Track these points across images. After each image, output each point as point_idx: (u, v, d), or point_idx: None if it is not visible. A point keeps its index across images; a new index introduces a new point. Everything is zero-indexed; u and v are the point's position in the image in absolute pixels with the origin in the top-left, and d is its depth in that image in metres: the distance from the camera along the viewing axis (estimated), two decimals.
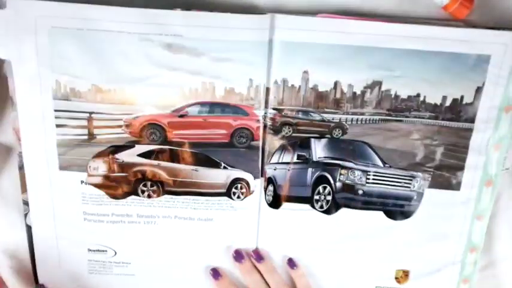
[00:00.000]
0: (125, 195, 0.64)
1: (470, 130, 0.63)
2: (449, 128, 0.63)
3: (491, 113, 0.62)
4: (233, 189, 0.65)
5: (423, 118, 0.63)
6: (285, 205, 0.65)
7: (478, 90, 0.61)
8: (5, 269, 0.67)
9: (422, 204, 0.66)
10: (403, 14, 0.60)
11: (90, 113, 0.61)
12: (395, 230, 0.67)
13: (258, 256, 0.66)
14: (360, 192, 0.65)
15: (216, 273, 0.67)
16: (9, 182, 0.65)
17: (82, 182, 0.63)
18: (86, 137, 0.62)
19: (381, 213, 0.66)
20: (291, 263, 0.67)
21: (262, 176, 0.64)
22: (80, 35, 0.57)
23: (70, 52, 0.58)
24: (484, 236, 0.68)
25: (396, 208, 0.66)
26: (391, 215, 0.66)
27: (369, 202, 0.66)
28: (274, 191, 0.65)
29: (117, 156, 0.63)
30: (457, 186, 0.65)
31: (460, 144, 0.64)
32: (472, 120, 0.63)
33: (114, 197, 0.64)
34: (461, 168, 0.65)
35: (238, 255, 0.66)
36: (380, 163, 0.65)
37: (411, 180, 0.65)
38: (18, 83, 0.59)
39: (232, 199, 0.65)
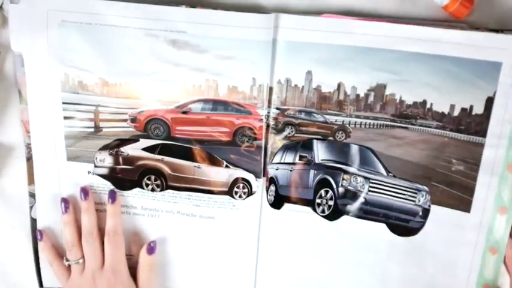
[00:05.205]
0: (131, 187, 0.66)
1: (481, 145, 0.59)
2: (457, 141, 0.59)
3: (505, 128, 0.58)
4: (235, 189, 0.65)
5: (430, 127, 0.60)
6: (287, 206, 0.65)
7: (489, 100, 0.57)
8: None
9: (429, 223, 0.62)
10: (403, 14, 0.59)
11: (97, 106, 0.62)
12: (398, 247, 0.63)
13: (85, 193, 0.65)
14: (362, 200, 0.62)
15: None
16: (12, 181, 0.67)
17: (89, 172, 0.65)
18: (92, 130, 0.64)
19: (384, 226, 0.63)
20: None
21: (264, 175, 0.64)
22: (89, 29, 0.59)
23: (79, 46, 0.60)
24: (499, 273, 0.62)
25: (400, 222, 0.63)
26: (394, 229, 0.63)
27: (370, 212, 0.63)
28: (276, 191, 0.65)
29: (122, 149, 0.64)
30: (466, 208, 0.61)
31: (470, 159, 0.60)
32: (483, 134, 0.59)
33: (121, 188, 0.66)
34: (472, 187, 0.60)
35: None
36: (383, 171, 0.63)
37: (416, 193, 0.62)
38: (29, 76, 0.61)
39: (234, 198, 0.65)
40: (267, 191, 0.64)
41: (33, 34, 0.60)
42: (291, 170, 0.64)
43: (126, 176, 0.65)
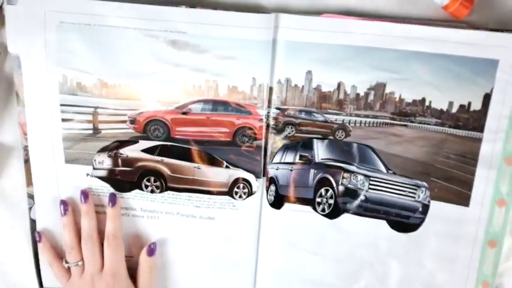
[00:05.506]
0: (130, 189, 0.65)
1: (479, 140, 0.60)
2: (456, 137, 0.61)
3: (502, 123, 0.60)
4: (235, 189, 0.65)
5: (429, 124, 0.61)
6: (287, 206, 0.65)
7: (486, 97, 0.59)
8: None
9: (428, 218, 0.63)
10: (403, 14, 0.59)
11: (96, 107, 0.62)
12: (398, 243, 0.64)
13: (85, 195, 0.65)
14: (362, 198, 0.63)
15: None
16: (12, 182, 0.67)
17: (88, 174, 0.65)
18: (91, 132, 0.63)
19: (384, 223, 0.64)
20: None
21: (264, 175, 0.64)
22: (87, 30, 0.59)
23: (77, 47, 0.60)
24: (497, 267, 0.63)
25: (400, 219, 0.64)
26: (395, 225, 0.64)
27: (371, 209, 0.63)
28: (276, 191, 0.65)
29: (121, 151, 0.64)
30: (465, 202, 0.62)
31: (469, 154, 0.61)
32: (481, 129, 0.60)
33: (120, 190, 0.65)
34: (470, 181, 0.61)
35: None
36: (383, 169, 0.63)
37: (416, 189, 0.63)
38: (26, 78, 0.61)
39: (235, 198, 0.65)
40: (267, 191, 0.65)
41: (31, 35, 0.59)
42: (291, 170, 0.65)
43: (125, 178, 0.65)
